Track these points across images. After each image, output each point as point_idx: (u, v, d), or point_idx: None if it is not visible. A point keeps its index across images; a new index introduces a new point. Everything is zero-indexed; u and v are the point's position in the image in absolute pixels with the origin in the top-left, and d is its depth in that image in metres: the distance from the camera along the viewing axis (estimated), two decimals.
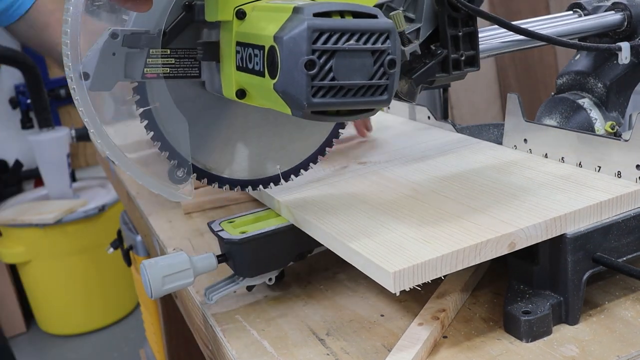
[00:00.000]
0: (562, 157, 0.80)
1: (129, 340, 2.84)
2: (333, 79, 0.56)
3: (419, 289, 0.61)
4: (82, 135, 2.70)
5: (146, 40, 0.68)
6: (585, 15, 0.92)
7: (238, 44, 0.64)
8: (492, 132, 1.03)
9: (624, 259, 0.69)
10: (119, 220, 1.96)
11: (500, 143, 0.91)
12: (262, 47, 0.59)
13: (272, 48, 0.57)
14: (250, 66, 0.61)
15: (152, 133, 0.72)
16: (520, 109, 0.86)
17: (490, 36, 0.83)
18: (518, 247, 0.64)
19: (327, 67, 0.56)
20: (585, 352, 0.63)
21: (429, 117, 1.09)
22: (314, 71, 0.55)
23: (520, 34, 0.79)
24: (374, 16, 0.58)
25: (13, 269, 2.90)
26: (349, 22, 0.56)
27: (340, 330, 0.72)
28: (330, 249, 0.69)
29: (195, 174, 0.75)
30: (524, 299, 0.68)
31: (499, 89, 2.85)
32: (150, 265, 0.74)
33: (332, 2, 0.57)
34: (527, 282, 0.70)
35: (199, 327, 0.85)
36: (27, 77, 2.81)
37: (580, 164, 0.78)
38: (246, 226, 0.78)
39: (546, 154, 0.83)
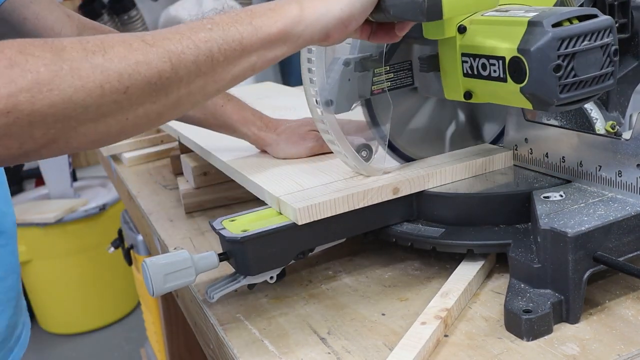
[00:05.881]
0: (563, 157, 0.81)
1: (129, 339, 2.84)
2: (575, 75, 0.65)
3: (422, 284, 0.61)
4: None
5: (372, 63, 0.80)
6: None
7: (464, 54, 0.73)
8: None
9: (625, 257, 0.69)
10: (119, 219, 1.96)
11: (501, 143, 0.91)
12: (500, 58, 0.68)
13: (515, 58, 0.66)
14: (484, 73, 0.71)
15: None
16: (521, 108, 0.86)
17: None
18: (402, 193, 0.80)
19: (569, 67, 0.65)
20: (585, 351, 0.63)
21: None
22: (560, 73, 0.64)
23: None
24: (595, 16, 0.66)
25: None
26: (581, 26, 0.65)
27: (341, 329, 0.72)
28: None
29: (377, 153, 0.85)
30: (525, 297, 0.68)
31: None
32: (151, 263, 0.74)
33: (557, 12, 0.65)
34: (528, 281, 0.70)
35: (200, 326, 0.85)
36: None
37: (580, 163, 0.78)
38: (248, 224, 0.78)
39: (547, 154, 0.83)
